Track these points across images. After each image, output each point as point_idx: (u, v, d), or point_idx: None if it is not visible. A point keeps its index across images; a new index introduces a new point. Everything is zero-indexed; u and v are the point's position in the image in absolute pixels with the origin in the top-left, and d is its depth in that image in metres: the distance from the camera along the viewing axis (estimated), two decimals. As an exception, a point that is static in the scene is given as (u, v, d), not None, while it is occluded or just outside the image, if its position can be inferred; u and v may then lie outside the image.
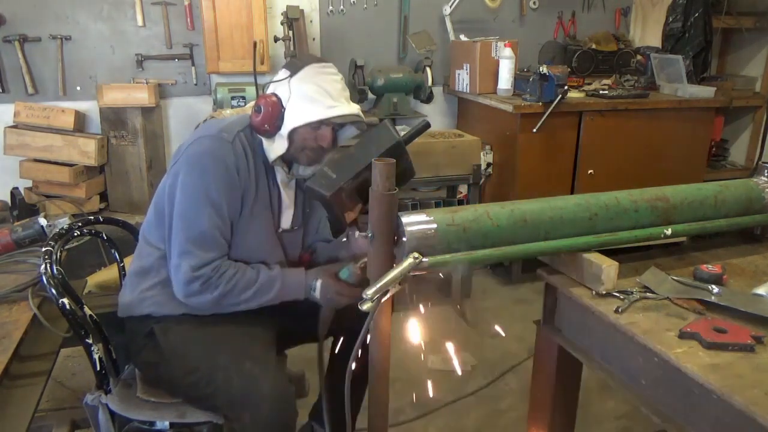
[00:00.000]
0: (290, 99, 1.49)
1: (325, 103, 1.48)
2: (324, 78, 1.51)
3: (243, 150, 1.50)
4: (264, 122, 1.48)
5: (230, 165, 1.46)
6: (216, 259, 1.46)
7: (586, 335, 1.31)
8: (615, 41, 3.81)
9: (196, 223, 1.44)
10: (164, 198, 1.49)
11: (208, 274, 1.44)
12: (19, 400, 1.32)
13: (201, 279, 1.43)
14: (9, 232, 1.69)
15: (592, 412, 2.25)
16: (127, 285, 1.59)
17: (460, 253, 1.20)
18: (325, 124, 1.51)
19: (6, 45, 2.99)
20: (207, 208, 1.44)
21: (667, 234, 1.38)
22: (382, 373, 1.29)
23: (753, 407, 0.91)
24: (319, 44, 3.42)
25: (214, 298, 1.45)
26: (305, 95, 1.48)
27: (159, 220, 1.52)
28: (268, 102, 1.48)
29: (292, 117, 1.48)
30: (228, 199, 1.47)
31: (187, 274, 1.43)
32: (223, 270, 1.46)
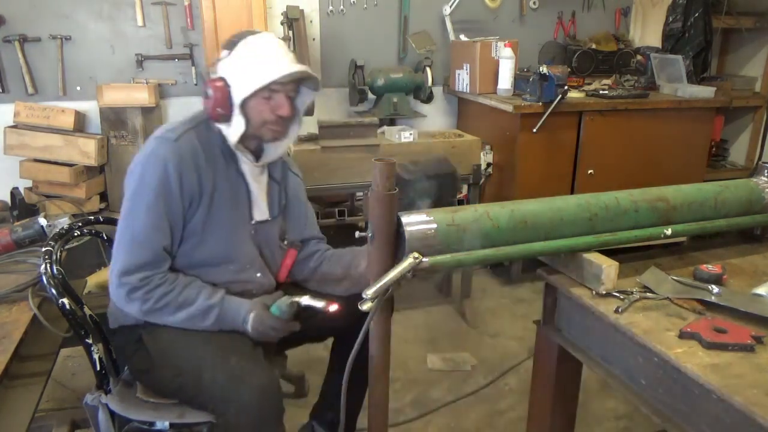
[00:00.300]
0: (234, 74, 1.45)
1: (267, 67, 1.44)
2: (262, 45, 1.48)
3: (192, 147, 1.45)
4: (215, 106, 1.45)
5: (171, 166, 1.41)
6: (145, 268, 1.39)
7: (586, 335, 1.31)
8: (615, 41, 3.81)
9: (129, 226, 1.40)
10: None
11: (134, 284, 1.38)
12: (19, 400, 1.32)
13: (126, 287, 1.38)
14: (9, 232, 1.69)
15: (592, 412, 2.25)
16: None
17: (460, 253, 1.20)
18: (275, 91, 1.47)
19: (6, 45, 2.99)
20: (140, 212, 1.40)
21: (667, 234, 1.38)
22: (382, 373, 1.29)
23: (753, 407, 0.91)
24: (319, 44, 3.42)
25: (142, 312, 1.41)
26: (247, 66, 1.45)
27: None
28: (214, 85, 1.45)
29: (239, 90, 1.45)
30: (167, 202, 1.42)
31: (114, 278, 1.39)
32: (155, 284, 1.40)
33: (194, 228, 1.47)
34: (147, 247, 1.40)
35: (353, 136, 2.66)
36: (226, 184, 1.52)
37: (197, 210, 1.46)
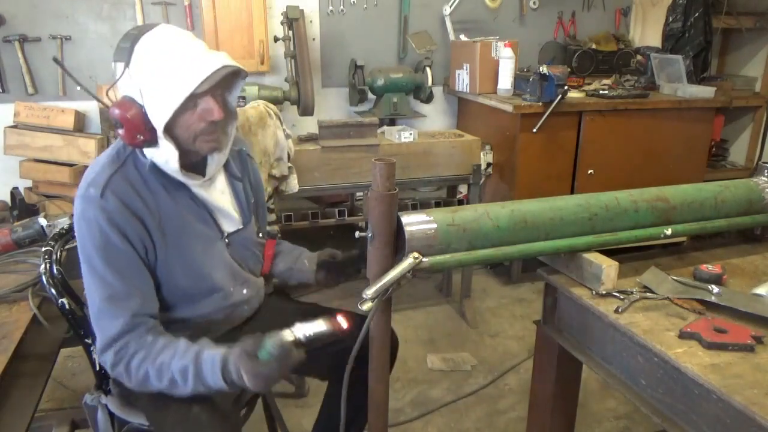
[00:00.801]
0: (143, 91, 1.21)
1: (182, 73, 1.20)
2: (164, 43, 1.22)
3: (122, 194, 1.25)
4: (133, 134, 1.23)
5: (104, 225, 1.22)
6: (116, 341, 1.23)
7: (586, 335, 1.31)
8: (615, 41, 3.81)
9: (91, 300, 1.25)
10: None
11: (112, 361, 1.23)
12: (19, 400, 1.32)
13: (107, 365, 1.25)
14: (9, 232, 1.69)
15: (592, 412, 2.25)
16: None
17: (460, 253, 1.20)
18: (199, 96, 1.23)
19: (6, 45, 2.99)
20: (95, 285, 1.24)
21: (667, 234, 1.38)
22: (382, 373, 1.29)
23: (753, 407, 0.91)
24: (319, 44, 3.42)
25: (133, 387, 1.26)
26: (156, 78, 1.20)
27: None
28: (121, 110, 1.21)
29: (157, 112, 1.21)
30: (117, 264, 1.24)
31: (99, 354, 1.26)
32: (131, 353, 1.23)
33: (159, 272, 1.32)
34: (110, 318, 1.23)
35: (353, 136, 2.66)
36: (180, 214, 1.33)
37: (155, 253, 1.30)
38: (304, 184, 2.58)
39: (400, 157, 2.66)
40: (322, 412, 1.68)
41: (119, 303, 1.23)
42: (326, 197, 3.03)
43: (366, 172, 2.66)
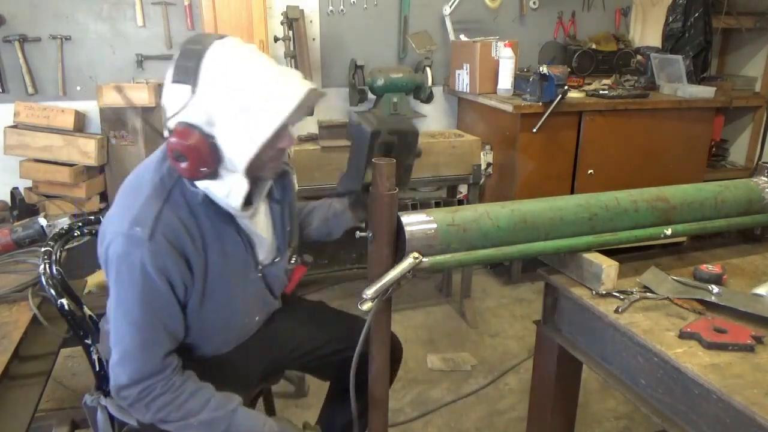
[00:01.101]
0: (216, 123, 1.08)
1: (269, 103, 1.07)
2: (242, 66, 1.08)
3: (171, 232, 1.13)
4: (196, 168, 1.10)
5: (151, 270, 1.11)
6: (142, 381, 1.16)
7: (586, 335, 1.31)
8: (615, 41, 3.81)
9: (119, 337, 1.16)
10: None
11: (134, 398, 1.17)
12: (19, 400, 1.32)
13: (127, 401, 1.18)
14: (9, 232, 1.69)
15: (592, 412, 2.25)
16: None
17: (460, 253, 1.20)
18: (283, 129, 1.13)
19: (6, 45, 2.99)
20: (128, 327, 1.15)
21: (667, 234, 1.38)
22: (382, 373, 1.29)
23: (753, 407, 0.91)
24: (319, 44, 3.42)
25: (146, 421, 1.21)
26: (233, 106, 1.07)
27: None
28: (187, 143, 1.07)
29: (238, 148, 1.09)
30: (156, 310, 1.16)
31: (113, 391, 1.19)
32: (158, 393, 1.17)
33: (191, 309, 1.23)
34: (141, 361, 1.16)
35: (353, 136, 2.66)
36: (224, 249, 1.23)
37: (192, 291, 1.21)
38: (304, 184, 2.58)
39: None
40: (322, 416, 1.65)
41: (151, 348, 1.16)
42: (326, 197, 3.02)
43: (366, 172, 2.65)
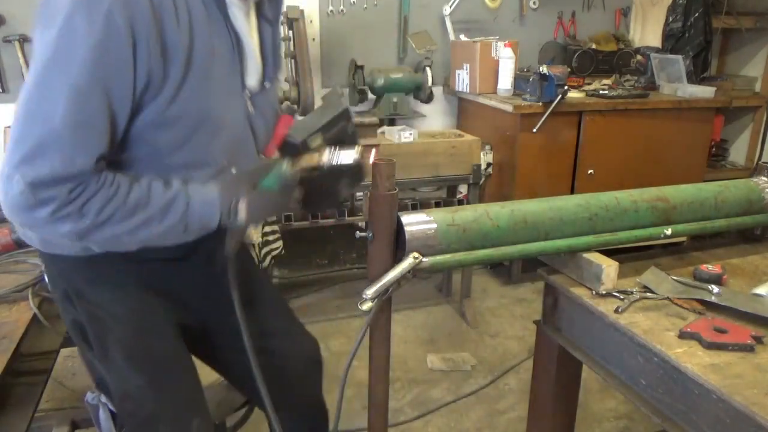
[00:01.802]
0: None
1: None
2: None
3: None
4: None
5: (118, 19, 0.88)
6: (74, 179, 0.91)
7: (586, 335, 1.31)
8: (615, 41, 3.81)
9: (42, 113, 0.91)
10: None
11: (62, 200, 0.91)
12: (19, 399, 1.32)
13: (51, 204, 0.91)
14: (9, 232, 1.69)
15: (592, 412, 2.25)
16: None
17: (460, 253, 1.20)
18: None
19: (6, 45, 2.98)
20: (64, 98, 0.90)
21: (667, 234, 1.38)
22: (382, 373, 1.29)
23: (753, 407, 0.91)
24: (319, 44, 3.42)
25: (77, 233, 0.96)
26: None
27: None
28: None
29: None
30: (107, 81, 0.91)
31: (24, 192, 0.89)
32: (93, 192, 0.93)
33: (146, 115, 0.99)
34: (72, 148, 0.91)
35: (353, 136, 2.66)
36: (210, 43, 1.01)
37: (158, 90, 0.97)
38: (304, 184, 2.58)
39: (400, 157, 2.65)
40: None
41: (88, 135, 0.92)
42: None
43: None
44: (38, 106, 0.92)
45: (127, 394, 1.14)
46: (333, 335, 2.80)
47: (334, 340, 2.75)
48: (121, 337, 1.11)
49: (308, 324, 2.88)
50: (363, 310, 1.12)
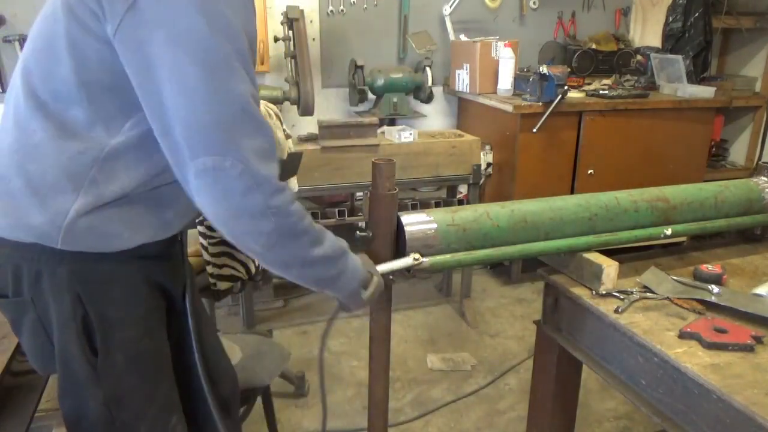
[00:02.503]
0: None
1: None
2: None
3: None
4: None
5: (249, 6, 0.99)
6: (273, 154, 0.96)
7: (586, 335, 1.31)
8: (615, 41, 3.81)
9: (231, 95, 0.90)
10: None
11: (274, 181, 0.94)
12: (19, 400, 1.32)
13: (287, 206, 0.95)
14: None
15: (592, 412, 2.25)
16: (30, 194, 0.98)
17: (459, 253, 1.20)
18: None
19: (6, 45, 2.99)
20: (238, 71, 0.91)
21: (667, 234, 1.38)
22: (382, 373, 1.29)
23: (753, 407, 0.91)
24: (319, 44, 3.42)
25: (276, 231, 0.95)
26: None
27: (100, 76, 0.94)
28: None
29: None
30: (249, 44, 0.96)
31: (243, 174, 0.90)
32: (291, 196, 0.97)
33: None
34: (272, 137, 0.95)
35: (353, 136, 2.67)
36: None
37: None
38: (304, 184, 2.58)
39: (400, 157, 2.66)
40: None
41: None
42: (326, 197, 3.03)
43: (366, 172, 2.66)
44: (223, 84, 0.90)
45: (115, 396, 1.10)
46: (333, 335, 2.80)
47: (334, 340, 2.76)
48: (127, 337, 1.09)
49: (308, 324, 2.92)
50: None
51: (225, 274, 1.92)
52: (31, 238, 0.99)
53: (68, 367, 1.08)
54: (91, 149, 0.96)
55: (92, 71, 0.93)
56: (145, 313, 1.12)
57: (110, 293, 1.06)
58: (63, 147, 0.96)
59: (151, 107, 0.91)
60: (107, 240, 1.01)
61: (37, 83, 0.97)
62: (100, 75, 0.93)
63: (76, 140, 0.96)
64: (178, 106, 0.88)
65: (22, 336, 1.11)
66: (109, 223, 1.00)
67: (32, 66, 0.99)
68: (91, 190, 0.97)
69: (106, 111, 0.96)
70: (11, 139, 1.00)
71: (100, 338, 1.07)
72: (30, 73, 0.98)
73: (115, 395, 1.10)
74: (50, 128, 0.96)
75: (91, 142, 0.96)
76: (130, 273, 1.07)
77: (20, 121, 0.99)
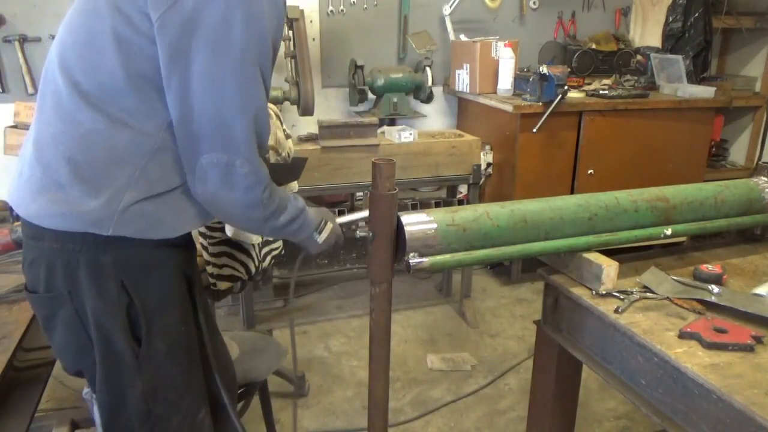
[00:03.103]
0: None
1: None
2: None
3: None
4: None
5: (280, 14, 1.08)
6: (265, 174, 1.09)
7: (586, 335, 1.31)
8: (615, 41, 3.81)
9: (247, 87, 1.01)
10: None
11: (267, 179, 1.09)
12: (20, 399, 1.32)
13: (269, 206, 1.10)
14: (9, 232, 1.69)
15: (592, 412, 2.25)
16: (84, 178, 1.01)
17: (459, 253, 1.20)
18: None
19: (6, 45, 2.98)
20: (256, 85, 1.02)
21: (667, 234, 1.38)
22: (382, 373, 1.29)
23: (753, 407, 0.91)
24: (319, 44, 3.42)
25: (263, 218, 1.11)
26: None
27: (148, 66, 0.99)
28: None
29: None
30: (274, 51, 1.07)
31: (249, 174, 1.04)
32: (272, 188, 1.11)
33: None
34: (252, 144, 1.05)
35: (353, 136, 2.67)
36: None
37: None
38: (304, 184, 2.58)
39: (400, 157, 2.66)
40: None
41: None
42: (326, 197, 3.03)
43: (366, 172, 2.66)
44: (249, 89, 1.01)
45: (153, 388, 1.11)
46: (333, 335, 2.80)
47: (334, 340, 2.75)
48: (167, 324, 1.11)
49: (308, 324, 2.91)
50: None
51: (225, 274, 1.92)
52: (83, 225, 1.00)
53: (110, 359, 1.09)
54: (143, 139, 1.01)
55: (139, 66, 0.98)
56: (181, 300, 1.15)
57: (150, 281, 1.09)
58: (114, 137, 1.00)
59: (176, 95, 0.97)
60: (157, 227, 1.06)
61: (80, 76, 0.99)
62: (147, 71, 0.98)
63: (127, 130, 1.00)
64: (204, 102, 0.97)
65: (56, 332, 1.12)
66: (160, 210, 1.05)
67: (71, 59, 1.01)
68: (143, 178, 1.02)
69: (154, 105, 1.00)
70: (54, 130, 1.02)
71: (145, 326, 1.08)
72: (69, 66, 1.00)
73: (153, 386, 1.12)
74: (99, 119, 0.99)
75: (143, 133, 1.01)
76: (165, 261, 1.11)
77: (64, 113, 1.01)
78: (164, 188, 1.05)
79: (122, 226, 1.01)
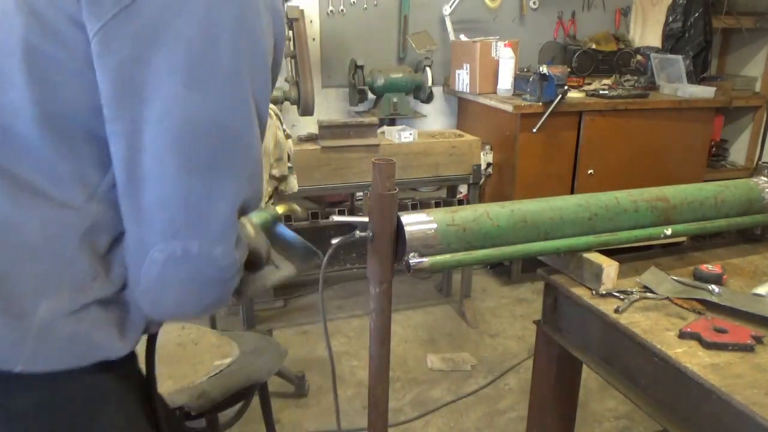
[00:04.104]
0: None
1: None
2: None
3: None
4: None
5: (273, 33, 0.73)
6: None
7: (586, 335, 1.31)
8: (615, 41, 3.81)
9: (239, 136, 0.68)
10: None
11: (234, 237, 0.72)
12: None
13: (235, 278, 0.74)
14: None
15: (592, 412, 2.25)
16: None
17: (459, 253, 1.20)
18: None
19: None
20: (248, 107, 0.68)
21: (667, 234, 1.38)
22: (382, 372, 1.29)
23: (753, 407, 0.91)
24: (319, 44, 3.42)
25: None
26: None
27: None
28: None
29: None
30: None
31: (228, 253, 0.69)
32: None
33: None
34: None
35: (353, 136, 2.67)
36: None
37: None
38: (304, 184, 2.59)
39: (400, 157, 2.66)
40: None
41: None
42: (326, 197, 3.03)
43: (366, 172, 2.66)
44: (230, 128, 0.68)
45: None
46: (333, 335, 2.80)
47: (334, 340, 2.76)
48: None
49: (308, 324, 2.92)
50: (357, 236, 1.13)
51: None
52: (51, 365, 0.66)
53: None
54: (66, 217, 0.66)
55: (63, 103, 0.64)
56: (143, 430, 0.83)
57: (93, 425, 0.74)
58: (22, 214, 0.64)
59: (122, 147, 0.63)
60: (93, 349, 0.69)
61: None
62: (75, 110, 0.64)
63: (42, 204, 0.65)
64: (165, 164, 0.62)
65: None
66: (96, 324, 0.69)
67: None
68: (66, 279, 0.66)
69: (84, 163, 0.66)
70: None
71: None
72: None
73: None
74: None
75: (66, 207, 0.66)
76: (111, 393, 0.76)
77: None
78: (101, 293, 0.68)
79: (39, 356, 0.64)
